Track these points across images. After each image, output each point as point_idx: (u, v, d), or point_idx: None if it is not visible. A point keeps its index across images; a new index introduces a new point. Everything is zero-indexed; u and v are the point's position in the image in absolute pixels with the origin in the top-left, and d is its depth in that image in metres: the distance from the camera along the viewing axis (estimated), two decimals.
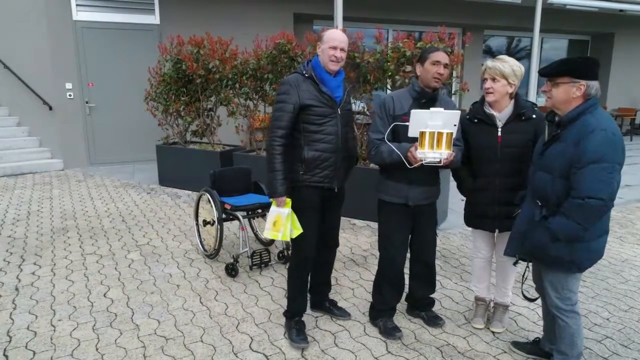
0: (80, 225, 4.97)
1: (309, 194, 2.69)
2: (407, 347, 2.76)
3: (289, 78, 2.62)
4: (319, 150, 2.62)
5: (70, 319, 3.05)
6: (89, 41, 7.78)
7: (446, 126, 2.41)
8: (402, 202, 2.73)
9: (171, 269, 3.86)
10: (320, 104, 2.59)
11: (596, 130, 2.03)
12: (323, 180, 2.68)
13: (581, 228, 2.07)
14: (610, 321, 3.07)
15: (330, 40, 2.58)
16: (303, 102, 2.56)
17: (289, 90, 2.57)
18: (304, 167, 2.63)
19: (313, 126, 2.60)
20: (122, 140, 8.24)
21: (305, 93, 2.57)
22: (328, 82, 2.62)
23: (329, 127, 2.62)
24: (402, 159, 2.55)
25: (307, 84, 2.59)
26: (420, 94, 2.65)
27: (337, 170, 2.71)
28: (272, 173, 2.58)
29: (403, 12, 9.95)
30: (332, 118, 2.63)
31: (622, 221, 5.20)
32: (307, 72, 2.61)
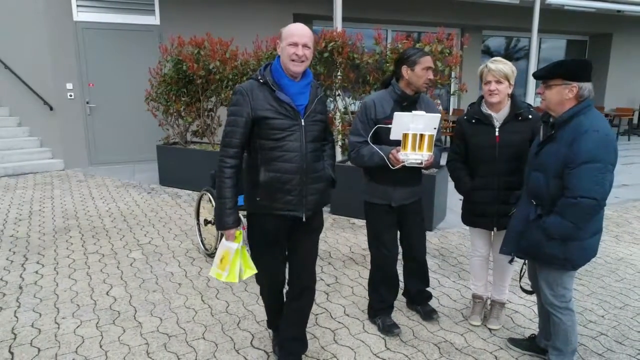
0: (82, 224, 5.01)
1: (268, 224, 2.26)
2: (406, 344, 2.81)
3: (242, 86, 2.19)
4: (277, 171, 2.18)
5: (74, 317, 3.09)
6: (90, 42, 7.82)
7: (427, 129, 2.49)
8: (386, 203, 2.80)
9: (173, 267, 3.91)
10: (277, 115, 2.15)
11: (589, 131, 2.08)
12: (285, 208, 2.22)
13: (575, 227, 2.12)
14: (605, 318, 3.12)
15: (288, 36, 2.14)
16: (256, 113, 2.14)
17: (240, 101, 2.15)
18: (261, 192, 2.20)
19: (270, 142, 2.16)
20: (122, 141, 8.28)
21: (258, 102, 2.14)
22: (287, 88, 2.19)
23: (289, 143, 2.17)
24: (384, 160, 2.61)
25: (262, 91, 2.17)
26: (402, 96, 2.70)
27: (303, 195, 2.24)
28: (220, 201, 2.19)
29: (402, 12, 10.00)
30: (293, 131, 2.18)
31: (618, 220, 5.25)
32: (263, 78, 2.19)
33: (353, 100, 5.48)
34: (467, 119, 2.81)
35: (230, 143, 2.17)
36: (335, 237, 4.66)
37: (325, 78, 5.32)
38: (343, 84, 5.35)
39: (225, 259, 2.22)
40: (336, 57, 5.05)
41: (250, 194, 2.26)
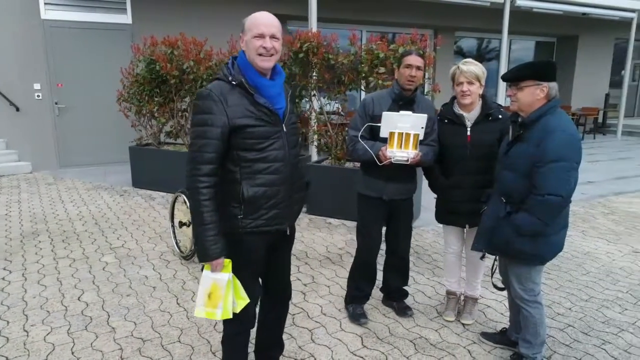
0: (52, 228, 4.88)
1: (253, 243, 2.01)
2: (382, 341, 2.85)
3: (209, 89, 1.86)
4: (263, 185, 1.94)
5: (44, 324, 3.01)
6: (59, 41, 7.61)
7: (414, 128, 2.60)
8: (378, 196, 2.87)
9: (147, 271, 3.84)
10: (259, 122, 1.89)
11: (556, 131, 2.16)
12: (272, 223, 2.00)
13: (542, 223, 2.20)
14: (572, 310, 3.24)
15: (253, 27, 1.87)
16: (234, 122, 1.84)
17: (211, 108, 1.83)
18: (244, 209, 1.94)
19: (252, 153, 1.90)
20: (93, 142, 8.09)
21: (235, 109, 1.85)
22: (265, 90, 1.93)
23: (273, 152, 1.94)
24: (373, 156, 2.71)
25: (236, 95, 1.87)
26: (399, 95, 2.80)
27: (289, 207, 2.06)
28: (201, 228, 1.86)
29: (376, 13, 10.09)
30: (276, 139, 1.95)
31: (584, 216, 5.44)
32: (235, 78, 1.89)
33: (328, 100, 5.51)
34: (439, 119, 2.88)
35: (203, 158, 1.84)
36: (311, 237, 4.67)
37: (301, 78, 5.32)
38: (318, 85, 5.36)
39: (215, 294, 1.91)
40: (311, 57, 5.06)
41: (229, 212, 1.95)
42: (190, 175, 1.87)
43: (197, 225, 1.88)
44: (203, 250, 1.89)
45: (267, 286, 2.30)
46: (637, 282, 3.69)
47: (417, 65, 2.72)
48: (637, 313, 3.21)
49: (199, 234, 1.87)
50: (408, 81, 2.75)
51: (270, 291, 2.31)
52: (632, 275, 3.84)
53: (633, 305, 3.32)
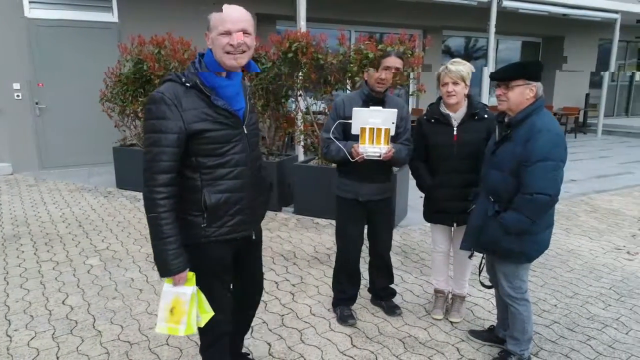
0: (34, 231, 4.78)
1: (217, 252, 1.90)
2: (371, 340, 2.85)
3: (161, 93, 1.71)
4: (225, 191, 1.83)
5: (28, 329, 2.95)
6: (43, 40, 7.44)
7: (385, 123, 2.62)
8: (354, 198, 2.88)
9: (133, 273, 3.79)
10: (217, 126, 1.77)
11: (543, 130, 2.20)
12: (236, 230, 1.91)
13: (530, 221, 2.24)
14: (558, 307, 3.29)
15: (219, 24, 1.72)
16: (191, 127, 1.72)
17: (165, 113, 1.69)
18: (207, 217, 1.83)
19: (212, 158, 1.79)
20: (76, 143, 7.94)
21: (191, 113, 1.72)
22: (223, 90, 1.80)
23: (235, 156, 1.84)
24: (346, 154, 2.73)
25: (191, 97, 1.74)
26: (368, 96, 2.82)
27: (254, 211, 1.98)
28: (160, 242, 1.73)
29: (365, 13, 10.12)
30: (237, 142, 1.84)
31: (567, 214, 5.54)
32: (190, 80, 1.75)
33: (315, 100, 5.51)
34: (426, 119, 2.90)
35: (159, 168, 1.70)
36: (299, 237, 4.66)
37: (287, 78, 5.31)
38: (304, 85, 5.36)
39: (177, 309, 1.79)
40: (300, 57, 5.05)
41: (191, 222, 1.83)
42: (146, 187, 1.73)
43: (155, 239, 1.74)
44: (164, 265, 1.75)
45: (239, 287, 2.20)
46: (620, 279, 3.77)
47: (395, 66, 2.74)
48: (620, 309, 3.28)
49: (159, 248, 1.74)
50: (377, 83, 2.77)
51: (244, 295, 2.23)
52: (615, 271, 3.92)
53: (616, 301, 3.39)
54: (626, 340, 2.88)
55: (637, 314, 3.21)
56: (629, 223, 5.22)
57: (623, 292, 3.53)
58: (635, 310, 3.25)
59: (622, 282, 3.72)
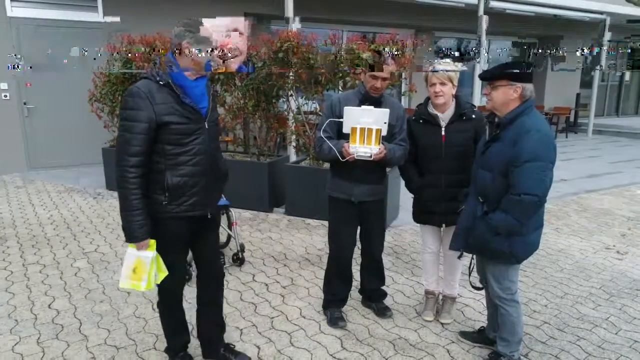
0: (21, 233, 4.71)
1: (175, 226, 2.22)
2: (362, 343, 2.83)
3: (137, 87, 2.05)
4: (184, 175, 2.15)
5: (12, 333, 2.90)
6: (27, 39, 7.35)
7: (376, 123, 2.59)
8: (347, 198, 2.85)
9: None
10: (182, 120, 2.10)
11: (532, 131, 2.19)
12: (193, 209, 2.22)
13: (518, 222, 2.23)
14: (548, 308, 3.29)
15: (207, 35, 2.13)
16: (160, 118, 2.04)
17: (138, 104, 2.02)
18: (168, 196, 2.15)
19: (176, 147, 2.12)
20: (65, 143, 7.84)
21: (162, 107, 2.05)
22: (190, 90, 2.13)
23: (195, 147, 2.16)
24: (336, 153, 2.70)
25: (162, 94, 2.06)
26: (365, 96, 2.79)
27: (208, 195, 2.28)
28: (128, 213, 2.07)
29: (356, 13, 10.10)
30: (198, 135, 2.16)
31: (558, 214, 5.56)
32: (163, 79, 2.08)
33: (306, 100, 5.48)
34: (415, 120, 2.89)
35: (131, 151, 2.03)
36: (290, 238, 4.64)
37: (277, 78, 5.28)
38: (295, 85, 5.33)
39: (139, 269, 2.14)
40: (291, 57, 5.02)
41: (154, 198, 2.15)
42: (119, 166, 2.06)
43: (125, 210, 2.08)
44: (130, 233, 2.10)
45: (198, 268, 2.51)
46: (609, 278, 3.79)
47: (383, 77, 2.72)
48: (610, 309, 3.29)
49: (126, 219, 2.08)
50: (372, 90, 2.76)
51: (201, 271, 2.51)
52: (604, 271, 3.93)
53: (605, 301, 3.40)
54: (615, 341, 2.88)
55: (627, 313, 3.22)
56: (619, 222, 5.25)
57: (612, 292, 3.54)
58: (624, 310, 3.26)
59: (611, 281, 3.73)
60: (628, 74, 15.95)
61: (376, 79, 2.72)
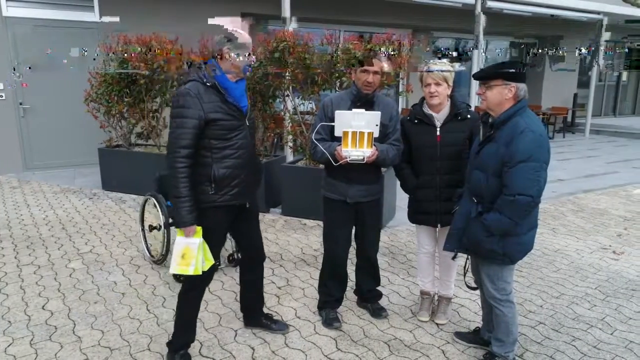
0: (16, 234, 4.69)
1: (219, 215, 2.46)
2: (356, 343, 2.82)
3: (188, 88, 2.30)
4: (229, 167, 2.39)
5: (5, 335, 2.88)
6: (22, 39, 7.32)
7: (368, 126, 2.59)
8: (342, 199, 2.84)
9: (116, 276, 3.73)
10: (227, 117, 2.35)
11: (525, 131, 2.19)
12: (235, 198, 2.46)
13: (512, 223, 2.22)
14: (544, 308, 3.29)
15: None
16: (208, 115, 2.28)
17: (189, 103, 2.26)
18: (214, 186, 2.38)
19: (221, 141, 2.36)
20: (61, 143, 7.81)
21: (209, 105, 2.29)
22: (233, 91, 2.39)
23: (238, 141, 2.41)
24: (329, 157, 2.70)
25: (209, 94, 2.31)
26: (357, 96, 2.77)
27: (248, 186, 2.53)
28: (178, 199, 2.30)
29: (353, 13, 10.10)
30: (240, 131, 2.42)
31: (554, 214, 5.56)
32: (209, 81, 2.33)
33: (302, 100, 5.46)
34: (409, 120, 2.88)
35: (182, 144, 2.27)
36: (286, 239, 4.62)
37: (274, 78, 5.26)
38: (292, 85, 5.32)
39: (187, 255, 2.33)
40: (287, 57, 5.01)
41: (201, 189, 2.38)
42: (171, 158, 2.29)
43: (175, 197, 2.31)
44: (180, 218, 2.31)
45: (243, 251, 2.82)
46: (605, 279, 3.79)
47: (373, 70, 2.70)
48: (605, 309, 3.28)
49: (177, 205, 2.30)
50: (365, 86, 2.74)
51: (247, 255, 2.80)
52: (600, 271, 3.93)
53: (601, 301, 3.39)
54: (611, 341, 2.88)
55: (622, 314, 3.22)
56: (615, 222, 5.25)
57: (608, 292, 3.54)
58: (620, 310, 3.26)
59: (607, 281, 3.73)
60: (625, 74, 15.99)
61: (367, 73, 2.70)
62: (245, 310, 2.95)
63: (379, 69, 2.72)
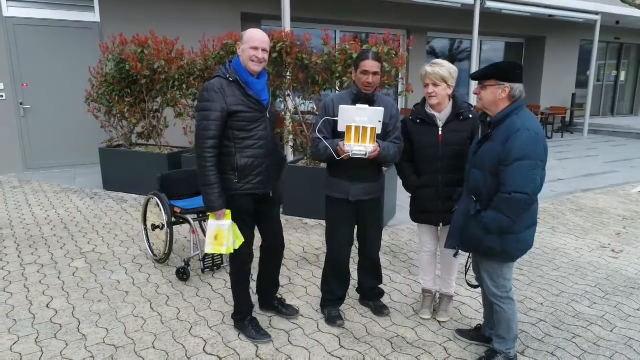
0: (18, 234, 4.70)
1: (244, 202, 2.65)
2: (359, 341, 2.85)
3: (212, 83, 2.51)
4: (251, 157, 2.59)
5: (10, 333, 2.90)
6: (23, 39, 7.33)
7: (371, 122, 2.62)
8: (344, 198, 2.86)
9: (119, 275, 3.75)
10: (248, 109, 2.54)
11: (521, 129, 2.22)
12: (258, 187, 2.65)
13: (510, 220, 2.25)
14: (544, 305, 3.32)
15: (251, 40, 2.52)
16: (230, 108, 2.48)
17: (213, 97, 2.47)
18: (238, 174, 2.58)
19: (243, 132, 2.55)
20: (61, 143, 7.84)
21: (231, 98, 2.49)
22: (253, 85, 2.57)
23: (259, 132, 2.60)
24: (332, 152, 2.73)
25: (232, 88, 2.52)
26: (358, 96, 2.81)
27: (270, 175, 2.70)
28: (208, 187, 2.50)
29: (350, 13, 10.13)
30: (261, 122, 2.61)
31: (554, 213, 5.60)
32: (232, 76, 2.53)
33: (303, 100, 5.49)
34: (412, 119, 2.91)
35: (208, 135, 2.47)
36: (288, 238, 4.65)
37: (275, 78, 5.29)
38: (293, 85, 5.34)
39: (220, 236, 2.56)
40: (285, 57, 5.03)
41: (226, 178, 2.58)
42: (199, 149, 2.49)
43: (204, 185, 2.50)
44: (210, 204, 2.52)
45: (263, 237, 2.94)
46: (605, 277, 3.82)
47: (373, 70, 2.73)
48: (605, 307, 3.32)
49: (206, 192, 2.50)
50: (365, 87, 2.77)
51: (266, 241, 2.95)
52: (600, 269, 3.96)
53: (601, 299, 3.43)
54: (610, 338, 2.91)
55: (622, 311, 3.25)
56: (614, 221, 5.29)
57: (608, 290, 3.58)
58: (619, 308, 3.29)
59: (607, 279, 3.76)
60: (623, 74, 16.05)
61: (367, 74, 2.73)
62: (260, 293, 3.13)
63: (379, 69, 2.75)
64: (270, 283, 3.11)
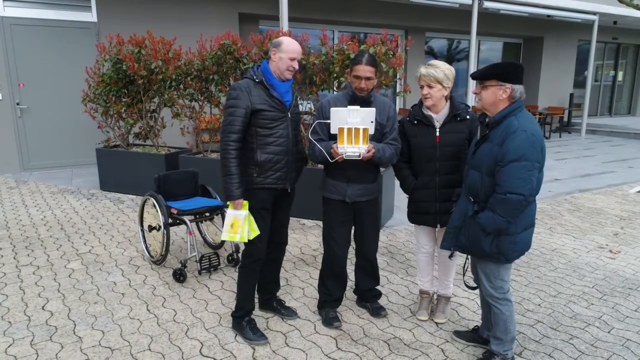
0: (14, 235, 4.68)
1: (263, 195, 2.76)
2: (356, 343, 2.84)
3: (239, 83, 2.68)
4: (271, 153, 2.70)
5: (5, 335, 2.88)
6: (19, 39, 7.31)
7: (363, 122, 2.62)
8: (341, 199, 2.86)
9: (115, 277, 3.73)
10: (271, 108, 2.67)
11: (518, 130, 2.21)
12: (276, 182, 2.76)
13: (505, 221, 2.25)
14: (542, 306, 3.31)
15: (291, 52, 2.68)
16: (254, 106, 2.63)
17: (239, 95, 2.62)
18: (258, 169, 2.70)
19: (265, 130, 2.68)
20: (58, 144, 7.81)
21: (256, 98, 2.64)
22: (278, 87, 2.71)
23: (280, 130, 2.71)
24: (326, 155, 2.74)
25: (257, 88, 2.67)
26: (353, 97, 2.81)
27: (289, 172, 2.80)
28: (228, 177, 2.63)
29: (347, 13, 10.12)
30: (282, 121, 2.72)
31: (551, 213, 5.60)
32: (258, 78, 2.69)
33: (301, 100, 5.48)
34: (409, 120, 2.90)
35: (232, 130, 2.62)
36: None
37: None
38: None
39: (235, 225, 2.66)
40: None
41: (248, 172, 2.72)
42: (223, 141, 2.64)
43: (225, 174, 2.64)
44: (230, 192, 2.64)
45: (270, 234, 2.94)
46: (602, 277, 3.82)
47: (365, 76, 2.72)
48: (603, 307, 3.31)
49: (227, 181, 2.63)
50: (358, 91, 2.77)
51: (274, 235, 2.99)
52: (597, 270, 3.96)
53: (598, 300, 3.42)
54: (608, 339, 2.91)
55: (619, 312, 3.25)
56: (612, 222, 5.29)
57: (605, 291, 3.57)
58: (617, 309, 3.29)
59: (604, 280, 3.76)
60: (621, 74, 16.08)
61: (360, 79, 2.73)
62: (260, 291, 3.14)
63: (372, 74, 2.73)
64: (270, 281, 3.13)
